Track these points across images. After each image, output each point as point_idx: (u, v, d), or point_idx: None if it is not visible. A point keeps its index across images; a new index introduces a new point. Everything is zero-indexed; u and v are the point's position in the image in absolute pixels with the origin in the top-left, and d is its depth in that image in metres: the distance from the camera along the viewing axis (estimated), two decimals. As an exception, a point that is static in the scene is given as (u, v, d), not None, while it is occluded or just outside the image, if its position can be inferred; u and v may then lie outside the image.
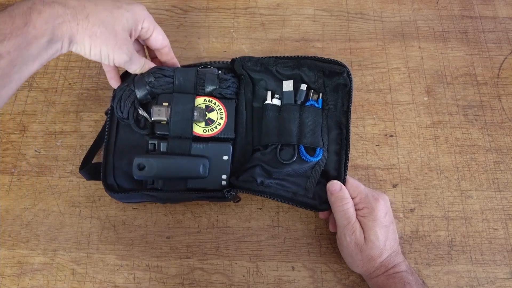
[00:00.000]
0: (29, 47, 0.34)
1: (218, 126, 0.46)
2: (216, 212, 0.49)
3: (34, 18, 0.34)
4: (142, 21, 0.42)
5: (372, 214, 0.42)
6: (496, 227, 0.49)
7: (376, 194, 0.44)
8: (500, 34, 0.60)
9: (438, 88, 0.56)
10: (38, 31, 0.34)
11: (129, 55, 0.42)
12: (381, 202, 0.43)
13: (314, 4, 0.61)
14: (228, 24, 0.60)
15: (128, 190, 0.46)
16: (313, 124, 0.47)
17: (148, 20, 0.43)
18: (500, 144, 0.53)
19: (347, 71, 0.47)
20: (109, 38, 0.39)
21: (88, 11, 0.37)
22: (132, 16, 0.41)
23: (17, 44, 0.33)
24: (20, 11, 0.33)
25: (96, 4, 0.38)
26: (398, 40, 0.59)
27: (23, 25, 0.33)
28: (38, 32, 0.34)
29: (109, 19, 0.39)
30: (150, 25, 0.43)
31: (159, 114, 0.44)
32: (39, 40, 0.34)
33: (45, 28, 0.34)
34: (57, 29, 0.35)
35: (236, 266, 0.47)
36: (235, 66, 0.49)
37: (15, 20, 0.33)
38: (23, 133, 0.53)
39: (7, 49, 0.32)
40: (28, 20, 0.33)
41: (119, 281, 0.46)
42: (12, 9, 0.34)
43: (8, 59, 0.32)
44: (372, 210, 0.42)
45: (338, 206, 0.43)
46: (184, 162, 0.44)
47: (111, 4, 0.40)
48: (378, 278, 0.42)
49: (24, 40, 0.33)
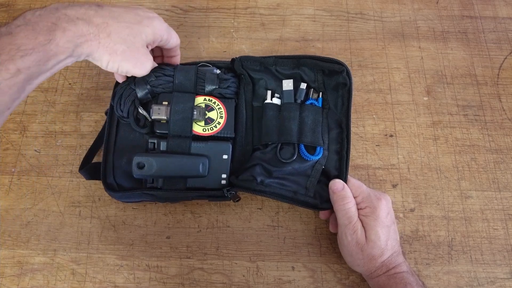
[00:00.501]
0: (47, 62, 0.34)
1: (218, 125, 0.46)
2: (216, 212, 0.49)
3: (58, 36, 0.34)
4: (162, 35, 0.43)
5: (374, 213, 0.42)
6: (496, 227, 0.49)
7: (378, 194, 0.44)
8: (500, 34, 0.60)
9: (438, 88, 0.56)
10: (60, 49, 0.34)
11: (149, 69, 0.43)
12: (383, 202, 0.43)
13: (314, 4, 0.62)
14: (228, 24, 0.60)
15: (127, 189, 0.46)
16: (313, 123, 0.47)
17: (166, 32, 0.44)
18: (500, 144, 0.53)
19: (346, 70, 0.47)
20: (130, 55, 0.40)
21: (111, 29, 0.38)
22: (152, 31, 0.41)
23: (37, 59, 0.33)
24: (44, 27, 0.33)
25: (118, 21, 0.38)
26: (398, 40, 0.59)
27: (46, 42, 0.33)
28: (60, 50, 0.34)
29: (130, 37, 0.39)
30: (168, 37, 0.44)
31: (159, 113, 0.44)
32: (59, 56, 0.34)
33: (67, 46, 0.34)
34: (78, 47, 0.36)
35: (236, 266, 0.47)
36: (235, 65, 0.50)
37: (38, 36, 0.32)
38: (23, 133, 0.53)
39: (27, 64, 0.32)
40: (52, 37, 0.33)
41: (119, 281, 0.46)
42: (36, 22, 0.33)
43: (27, 74, 0.32)
44: (374, 210, 0.42)
45: (340, 205, 0.43)
46: (183, 161, 0.44)
47: (132, 18, 0.40)
48: (379, 278, 0.42)
49: (45, 56, 0.33)
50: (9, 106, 0.33)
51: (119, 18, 0.39)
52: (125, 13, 0.40)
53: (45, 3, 0.60)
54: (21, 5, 0.60)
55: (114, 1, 0.61)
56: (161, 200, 0.47)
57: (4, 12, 0.60)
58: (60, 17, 0.34)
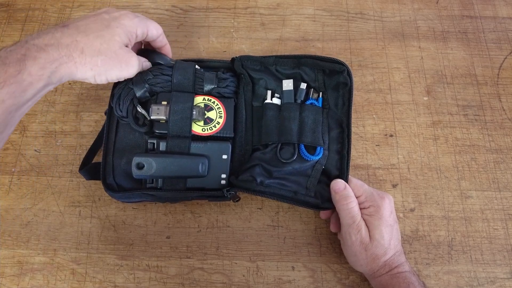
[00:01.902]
0: (24, 93, 0.34)
1: (217, 125, 0.46)
2: (216, 212, 0.49)
3: (29, 65, 0.33)
4: (135, 31, 0.42)
5: (378, 212, 0.42)
6: (496, 227, 0.49)
7: (382, 193, 0.44)
8: (500, 34, 0.60)
9: (438, 88, 0.56)
10: (34, 78, 0.34)
11: (137, 65, 0.42)
12: (386, 201, 0.43)
13: (314, 4, 0.61)
14: (228, 24, 0.60)
15: (127, 189, 0.46)
16: (313, 123, 0.47)
17: (140, 26, 0.43)
18: (500, 144, 0.53)
19: (347, 70, 0.47)
20: (112, 62, 0.39)
21: (82, 45, 0.37)
22: (123, 31, 0.41)
23: (11, 91, 0.32)
24: (13, 59, 0.33)
25: (87, 34, 0.38)
26: (398, 40, 0.59)
27: (16, 73, 0.33)
28: (34, 78, 0.34)
29: (104, 45, 0.39)
30: (144, 29, 0.43)
31: (158, 113, 0.44)
32: (35, 85, 0.34)
33: (41, 73, 0.34)
34: (54, 73, 0.35)
35: (236, 266, 0.47)
36: (235, 65, 0.49)
37: (8, 68, 0.32)
38: (23, 133, 0.53)
39: (1, 97, 0.32)
40: (22, 68, 0.33)
41: (119, 281, 0.46)
42: (6, 56, 0.33)
43: (3, 107, 0.32)
44: (378, 209, 0.42)
45: (343, 205, 0.43)
46: (183, 161, 0.44)
47: (100, 26, 0.39)
48: (381, 278, 0.42)
49: (19, 87, 0.33)
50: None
51: (87, 31, 0.38)
52: (92, 23, 0.39)
53: (45, 3, 0.60)
54: (21, 5, 0.60)
55: (114, 2, 0.61)
56: (161, 200, 0.47)
57: (4, 12, 0.60)
58: (30, 48, 0.34)
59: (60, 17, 0.60)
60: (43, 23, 0.59)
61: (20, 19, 0.60)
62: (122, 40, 0.40)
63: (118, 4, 0.61)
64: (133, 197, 0.46)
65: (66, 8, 0.60)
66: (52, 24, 0.59)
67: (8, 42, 0.58)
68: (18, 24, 0.59)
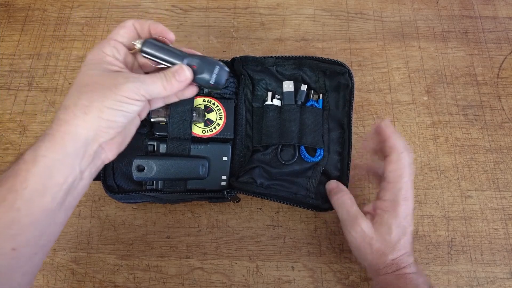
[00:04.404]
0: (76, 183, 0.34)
1: (217, 127, 0.46)
2: (216, 212, 0.50)
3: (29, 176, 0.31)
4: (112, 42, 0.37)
5: (394, 211, 0.39)
6: (496, 227, 0.49)
7: (408, 194, 0.41)
8: (500, 34, 0.60)
9: (438, 88, 0.56)
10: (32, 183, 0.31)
11: (131, 83, 0.34)
12: (407, 203, 0.40)
13: (314, 4, 0.61)
14: (228, 24, 0.60)
15: (128, 191, 0.46)
16: (313, 125, 0.47)
17: (113, 33, 0.37)
18: (500, 144, 0.53)
19: (348, 72, 0.47)
20: (98, 92, 0.33)
21: (65, 103, 0.33)
22: (94, 56, 0.35)
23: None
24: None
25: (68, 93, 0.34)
26: (398, 40, 0.59)
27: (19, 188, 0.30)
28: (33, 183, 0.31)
29: (79, 82, 0.34)
30: (120, 30, 0.38)
31: (158, 115, 0.44)
32: (52, 190, 0.32)
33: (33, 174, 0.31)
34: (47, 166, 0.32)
35: (236, 266, 0.47)
36: (235, 65, 0.49)
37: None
38: (23, 133, 0.53)
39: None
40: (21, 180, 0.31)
41: (119, 281, 0.46)
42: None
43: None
44: (395, 207, 0.39)
45: (336, 199, 0.42)
46: (183, 163, 0.44)
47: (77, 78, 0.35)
48: (386, 276, 0.40)
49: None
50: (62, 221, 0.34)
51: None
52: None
53: (45, 3, 0.60)
54: (21, 5, 0.60)
55: (114, 1, 0.61)
56: (161, 201, 0.47)
57: (4, 12, 0.60)
58: (25, 159, 0.31)
59: (60, 17, 0.60)
60: (43, 23, 0.59)
61: (20, 19, 0.59)
62: (99, 68, 0.35)
63: (118, 4, 0.60)
64: (133, 198, 0.46)
65: (66, 8, 0.60)
66: (52, 24, 0.59)
67: (8, 42, 0.58)
68: (18, 24, 0.59)
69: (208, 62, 0.39)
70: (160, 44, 0.38)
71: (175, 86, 0.37)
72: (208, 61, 0.39)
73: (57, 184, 0.32)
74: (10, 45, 0.58)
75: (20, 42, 0.58)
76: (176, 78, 0.37)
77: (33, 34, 0.59)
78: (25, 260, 0.31)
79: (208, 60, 0.39)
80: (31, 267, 0.32)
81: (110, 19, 0.60)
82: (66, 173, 0.32)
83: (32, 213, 0.30)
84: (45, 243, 0.33)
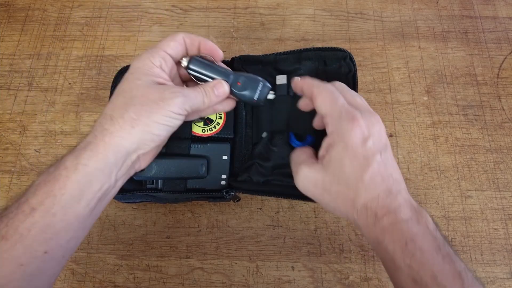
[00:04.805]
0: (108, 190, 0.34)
1: (217, 126, 0.46)
2: (216, 212, 0.49)
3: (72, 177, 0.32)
4: (160, 53, 0.36)
5: (342, 140, 0.32)
6: (496, 227, 0.49)
7: (354, 112, 0.33)
8: (500, 34, 0.60)
9: (438, 88, 0.56)
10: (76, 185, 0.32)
11: (179, 98, 0.34)
12: (357, 123, 0.32)
13: (314, 4, 0.61)
14: (228, 24, 0.60)
15: (127, 190, 0.46)
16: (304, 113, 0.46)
17: (162, 43, 0.37)
18: (500, 144, 0.53)
19: (350, 56, 0.47)
20: (145, 107, 0.33)
21: (109, 112, 0.33)
22: (137, 68, 0.35)
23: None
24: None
25: (110, 102, 0.34)
26: (398, 40, 0.59)
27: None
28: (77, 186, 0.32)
29: (126, 96, 0.34)
30: (170, 42, 0.37)
31: None
32: (87, 197, 0.33)
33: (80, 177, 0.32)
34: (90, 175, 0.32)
35: (236, 266, 0.47)
36: (235, 65, 0.49)
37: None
38: (23, 132, 0.53)
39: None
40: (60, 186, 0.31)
41: (118, 281, 0.46)
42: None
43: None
44: (342, 135, 0.32)
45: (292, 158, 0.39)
46: (183, 163, 0.44)
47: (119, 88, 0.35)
48: (370, 231, 0.31)
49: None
50: (87, 225, 0.33)
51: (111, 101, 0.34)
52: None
53: (45, 3, 0.60)
54: (21, 5, 0.60)
55: (114, 1, 0.61)
56: (161, 201, 0.47)
57: (4, 12, 0.60)
58: (58, 165, 0.33)
59: (60, 17, 0.60)
60: (43, 23, 0.59)
61: (20, 19, 0.60)
62: (146, 79, 0.34)
63: (118, 4, 0.61)
64: (133, 198, 0.46)
65: (66, 8, 0.60)
66: (52, 24, 0.59)
67: (8, 42, 0.58)
68: (18, 24, 0.59)
69: (252, 79, 0.40)
70: (206, 61, 0.39)
71: (213, 100, 0.37)
72: (252, 78, 0.40)
73: (92, 192, 0.32)
74: (10, 45, 0.58)
75: (20, 42, 0.58)
76: (215, 93, 0.37)
77: (33, 34, 0.59)
78: (55, 263, 0.31)
79: (251, 78, 0.40)
80: (58, 269, 0.33)
81: (110, 19, 0.60)
82: (102, 181, 0.32)
83: (67, 218, 0.31)
84: (72, 247, 0.33)
